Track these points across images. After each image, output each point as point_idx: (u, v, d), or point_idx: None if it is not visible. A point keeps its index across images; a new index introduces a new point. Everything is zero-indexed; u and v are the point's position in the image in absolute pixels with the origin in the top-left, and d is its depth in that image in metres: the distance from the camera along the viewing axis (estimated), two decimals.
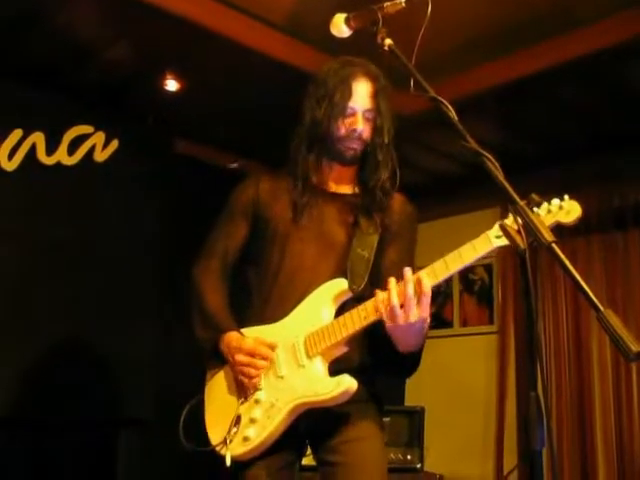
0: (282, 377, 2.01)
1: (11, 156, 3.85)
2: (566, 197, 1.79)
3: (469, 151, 1.49)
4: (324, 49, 3.73)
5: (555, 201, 1.78)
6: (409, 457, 4.49)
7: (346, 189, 2.25)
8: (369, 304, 1.93)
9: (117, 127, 4.29)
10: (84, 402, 3.97)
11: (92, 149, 4.16)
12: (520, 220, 1.39)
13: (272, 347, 2.04)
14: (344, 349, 2.00)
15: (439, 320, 5.51)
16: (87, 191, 4.13)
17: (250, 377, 2.02)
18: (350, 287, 2.04)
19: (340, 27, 1.91)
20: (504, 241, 1.72)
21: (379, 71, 2.20)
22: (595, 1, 3.43)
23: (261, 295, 2.17)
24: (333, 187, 2.25)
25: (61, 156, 4.04)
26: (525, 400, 1.30)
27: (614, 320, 1.22)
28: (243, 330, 2.12)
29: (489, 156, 1.46)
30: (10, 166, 3.84)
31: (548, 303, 4.90)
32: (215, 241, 2.27)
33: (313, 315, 2.03)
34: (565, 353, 4.78)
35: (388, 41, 1.74)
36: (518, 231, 1.41)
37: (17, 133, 3.88)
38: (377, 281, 2.08)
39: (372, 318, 1.92)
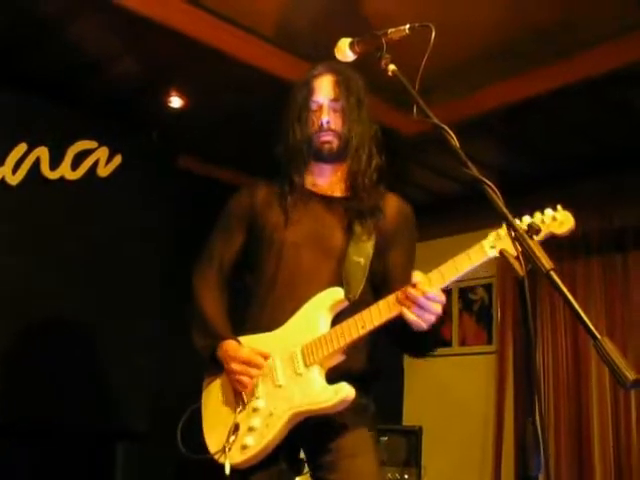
0: (280, 386, 2.02)
1: (15, 170, 3.86)
2: (559, 207, 1.80)
3: (470, 177, 1.50)
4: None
5: (548, 211, 1.80)
6: (407, 476, 4.49)
7: (338, 192, 2.25)
8: (366, 313, 1.95)
9: (121, 142, 4.30)
10: (81, 412, 3.96)
11: (95, 164, 4.18)
12: (519, 247, 1.40)
13: (266, 357, 2.05)
14: (341, 357, 2.01)
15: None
16: (90, 206, 4.14)
17: (244, 385, 2.04)
18: (346, 296, 2.05)
19: (345, 52, 1.94)
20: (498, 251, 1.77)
21: (344, 66, 2.21)
22: (600, 24, 3.45)
23: (258, 302, 2.18)
24: (325, 190, 2.25)
25: (64, 171, 4.06)
26: (522, 426, 1.31)
27: (611, 348, 1.24)
28: (240, 338, 2.13)
29: (489, 183, 1.47)
30: (14, 180, 3.86)
31: (547, 328, 4.90)
32: (212, 249, 2.29)
33: (310, 324, 2.04)
34: (564, 378, 4.77)
35: (392, 67, 1.76)
36: (517, 257, 1.42)
37: (21, 147, 3.89)
38: (382, 285, 2.12)
39: (370, 327, 1.94)
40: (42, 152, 3.96)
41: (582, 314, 1.27)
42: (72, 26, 3.50)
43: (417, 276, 1.87)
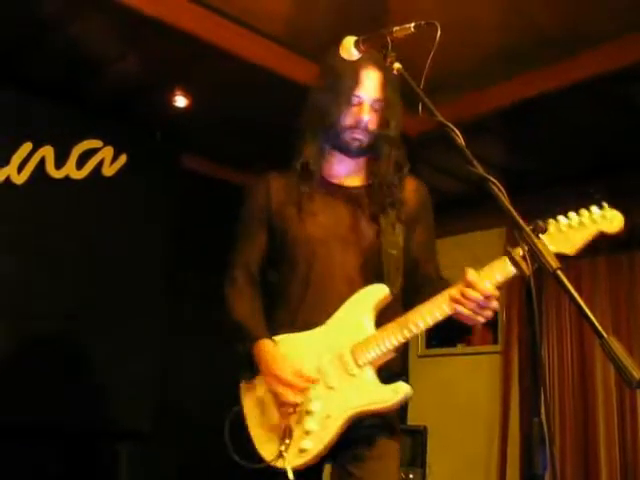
0: (333, 388, 1.99)
1: (20, 169, 3.88)
2: (605, 205, 1.79)
3: (475, 176, 1.49)
4: None
5: (595, 210, 1.78)
6: (412, 476, 4.49)
7: (357, 182, 2.21)
8: (417, 314, 1.92)
9: (126, 142, 4.32)
10: (84, 413, 3.97)
11: (100, 163, 4.20)
12: (526, 246, 1.39)
13: (313, 381, 2.00)
14: (392, 355, 2.00)
15: (443, 339, 5.50)
16: (95, 205, 4.16)
17: (289, 413, 1.99)
18: (391, 292, 2.02)
19: (350, 50, 1.92)
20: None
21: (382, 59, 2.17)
22: (602, 25, 3.45)
23: (292, 300, 2.13)
24: (344, 181, 2.21)
25: (70, 170, 4.07)
26: (528, 424, 1.31)
27: (617, 347, 1.23)
28: (279, 337, 2.09)
29: (495, 181, 1.46)
30: (19, 179, 3.88)
31: (552, 327, 4.89)
32: (237, 252, 2.25)
33: (355, 324, 2.01)
34: (569, 377, 4.77)
35: (397, 65, 1.75)
36: (523, 257, 1.41)
37: (27, 146, 3.91)
38: (412, 271, 2.14)
39: (423, 327, 1.92)
40: (47, 151, 3.98)
41: (588, 313, 1.26)
42: (75, 26, 3.50)
43: (471, 275, 1.85)
